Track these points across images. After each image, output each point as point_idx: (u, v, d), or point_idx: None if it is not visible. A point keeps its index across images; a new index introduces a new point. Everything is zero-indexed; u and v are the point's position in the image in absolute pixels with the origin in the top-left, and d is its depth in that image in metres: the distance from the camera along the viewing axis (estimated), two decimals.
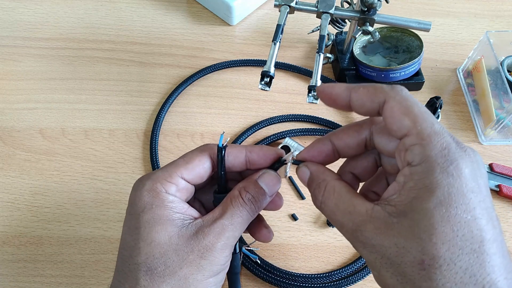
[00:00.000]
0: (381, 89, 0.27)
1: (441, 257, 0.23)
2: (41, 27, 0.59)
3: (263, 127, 0.51)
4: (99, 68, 0.55)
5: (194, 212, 0.31)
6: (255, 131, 0.50)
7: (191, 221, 0.30)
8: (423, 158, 0.24)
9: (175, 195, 0.30)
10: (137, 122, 0.51)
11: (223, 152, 0.31)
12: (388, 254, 0.24)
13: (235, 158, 0.32)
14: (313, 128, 0.50)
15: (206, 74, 0.55)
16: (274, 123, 0.51)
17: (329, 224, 0.45)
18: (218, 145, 0.31)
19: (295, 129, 0.50)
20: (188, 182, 0.31)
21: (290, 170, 0.48)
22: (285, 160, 0.32)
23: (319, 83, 0.41)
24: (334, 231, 0.45)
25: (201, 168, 0.31)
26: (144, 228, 0.29)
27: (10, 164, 0.47)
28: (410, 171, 0.25)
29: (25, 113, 0.51)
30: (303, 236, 0.44)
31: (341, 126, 0.51)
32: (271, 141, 0.49)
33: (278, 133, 0.49)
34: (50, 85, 0.54)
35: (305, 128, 0.50)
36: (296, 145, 0.48)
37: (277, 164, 0.32)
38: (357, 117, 0.52)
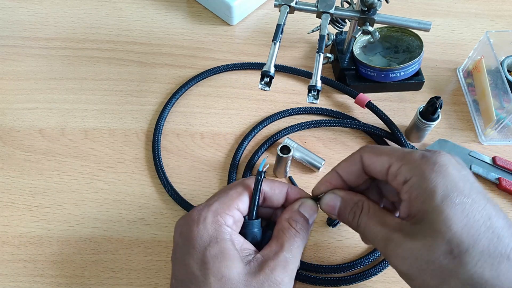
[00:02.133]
0: (356, 152, 0.34)
1: (464, 242, 0.26)
2: (41, 27, 0.59)
3: (267, 124, 0.51)
4: (99, 68, 0.55)
5: (249, 246, 0.32)
6: (261, 129, 0.50)
7: (252, 256, 0.31)
8: (411, 172, 0.29)
9: (232, 228, 0.31)
10: (137, 122, 0.51)
11: (262, 176, 0.32)
12: (421, 254, 0.27)
13: (280, 192, 0.34)
14: (314, 120, 0.50)
15: (214, 74, 0.55)
16: (278, 119, 0.51)
17: (329, 224, 0.45)
18: (258, 169, 0.32)
19: (296, 124, 0.50)
20: (242, 214, 0.32)
21: (290, 170, 0.48)
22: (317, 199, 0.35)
23: (319, 83, 0.41)
24: (334, 231, 0.45)
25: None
26: (213, 263, 0.29)
27: (10, 164, 0.47)
28: (408, 186, 0.29)
29: (25, 113, 0.51)
30: None
31: (340, 113, 0.52)
32: (272, 142, 0.49)
33: (278, 132, 0.49)
34: (50, 85, 0.54)
35: (306, 122, 0.50)
36: (296, 145, 0.48)
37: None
38: (352, 107, 0.52)
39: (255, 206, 0.32)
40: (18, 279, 0.41)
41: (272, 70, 0.41)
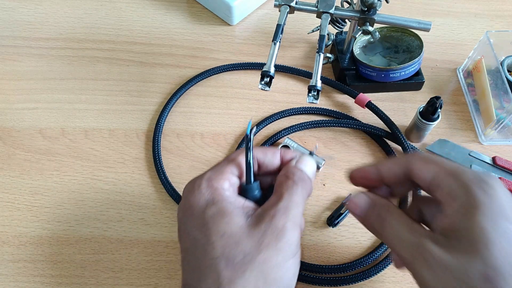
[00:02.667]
0: (403, 156, 0.32)
1: (502, 267, 0.24)
2: (41, 27, 0.59)
3: (267, 124, 0.51)
4: (99, 68, 0.55)
5: (251, 204, 0.31)
6: (261, 129, 0.50)
7: (252, 212, 0.30)
8: (457, 184, 0.27)
9: (229, 190, 0.31)
10: (137, 122, 0.51)
11: (251, 139, 0.32)
12: (453, 270, 0.25)
13: (273, 155, 0.34)
14: (314, 121, 0.50)
15: (214, 74, 0.55)
16: (278, 119, 0.51)
17: (329, 224, 0.45)
18: (246, 133, 0.32)
19: (296, 124, 0.50)
20: (238, 178, 0.32)
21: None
22: (313, 153, 0.35)
23: (319, 83, 0.41)
24: (334, 231, 0.45)
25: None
26: (212, 222, 0.29)
27: (10, 164, 0.47)
28: (451, 198, 0.27)
29: (25, 113, 0.51)
30: (303, 236, 0.44)
31: (340, 113, 0.52)
32: (272, 142, 0.49)
33: (278, 132, 0.49)
34: (50, 85, 0.54)
35: (306, 122, 0.50)
36: (296, 145, 0.48)
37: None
38: (352, 107, 0.52)
39: (251, 169, 0.32)
40: (18, 279, 0.41)
41: (272, 70, 0.41)
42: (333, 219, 0.44)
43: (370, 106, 0.51)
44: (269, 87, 0.42)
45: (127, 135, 0.50)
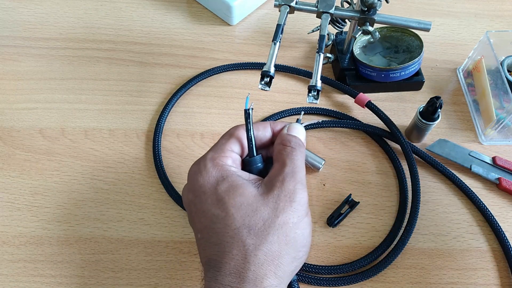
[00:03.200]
0: None
1: None
2: (41, 27, 0.59)
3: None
4: (99, 68, 0.55)
5: (255, 177, 0.33)
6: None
7: (259, 183, 0.32)
8: None
9: (233, 166, 0.33)
10: (137, 122, 0.51)
11: (250, 114, 0.33)
12: None
13: (264, 128, 0.36)
14: (315, 121, 0.50)
15: (214, 74, 0.55)
16: (278, 119, 0.50)
17: (329, 224, 0.45)
18: (245, 108, 0.34)
19: None
20: (238, 154, 0.34)
21: None
22: (299, 120, 0.37)
23: (319, 83, 0.41)
24: (334, 231, 0.45)
25: (244, 141, 0.34)
26: (227, 197, 0.30)
27: (10, 164, 0.47)
28: None
29: (25, 113, 0.51)
30: None
31: (340, 113, 0.51)
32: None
33: None
34: (50, 85, 0.54)
35: (306, 122, 0.50)
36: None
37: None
38: (352, 107, 0.52)
39: (253, 142, 0.34)
40: (18, 279, 0.41)
41: (272, 70, 0.41)
42: (333, 219, 0.44)
43: (370, 106, 0.51)
44: (269, 87, 0.42)
45: (127, 135, 0.50)
